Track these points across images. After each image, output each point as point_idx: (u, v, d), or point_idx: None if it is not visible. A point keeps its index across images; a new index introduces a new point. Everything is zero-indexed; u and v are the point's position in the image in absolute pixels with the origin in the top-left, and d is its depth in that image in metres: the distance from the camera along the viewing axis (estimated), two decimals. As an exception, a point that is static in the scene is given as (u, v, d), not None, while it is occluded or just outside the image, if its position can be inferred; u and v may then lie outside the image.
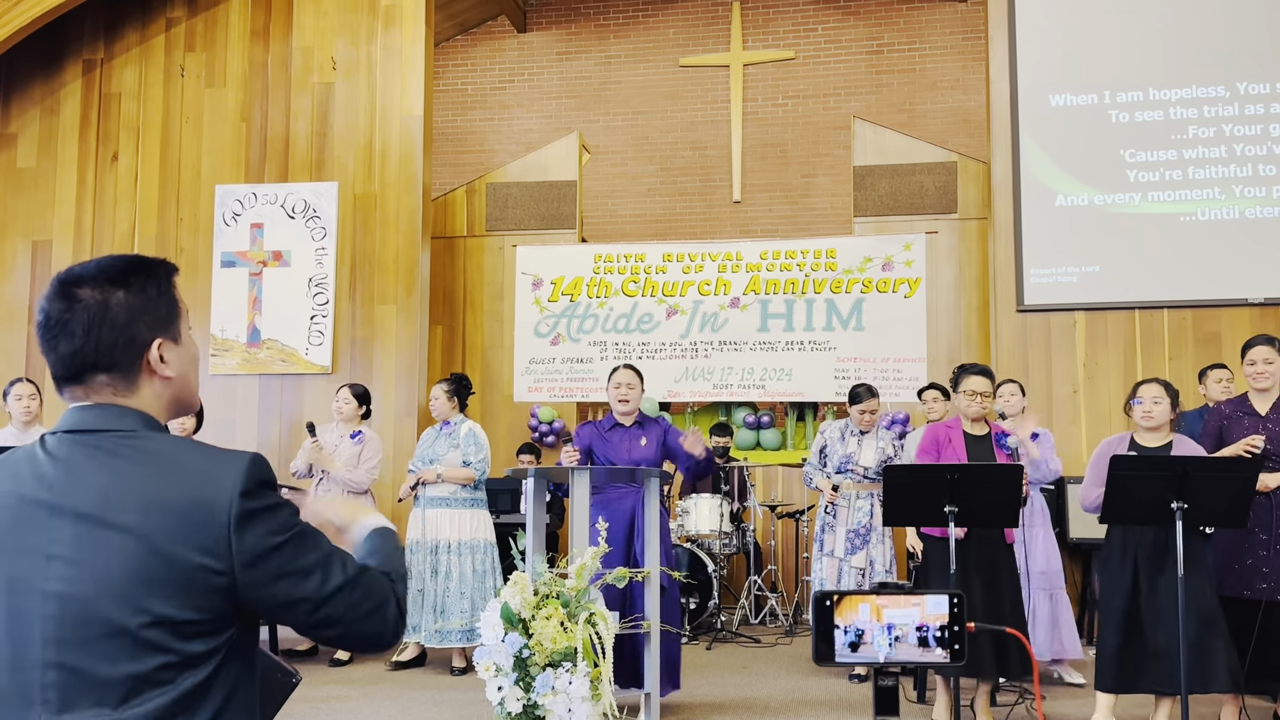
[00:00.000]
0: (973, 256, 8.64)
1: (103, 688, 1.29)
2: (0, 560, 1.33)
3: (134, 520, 1.31)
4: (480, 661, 3.89)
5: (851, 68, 10.91)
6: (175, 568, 1.31)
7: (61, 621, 1.30)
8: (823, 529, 6.03)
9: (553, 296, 9.13)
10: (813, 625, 1.63)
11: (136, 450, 1.37)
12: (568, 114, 11.33)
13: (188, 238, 8.69)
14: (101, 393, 1.41)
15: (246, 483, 1.36)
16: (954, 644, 1.57)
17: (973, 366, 5.02)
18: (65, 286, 1.40)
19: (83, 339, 1.38)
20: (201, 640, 1.34)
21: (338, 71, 8.68)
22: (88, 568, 1.30)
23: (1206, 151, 7.71)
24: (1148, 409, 4.51)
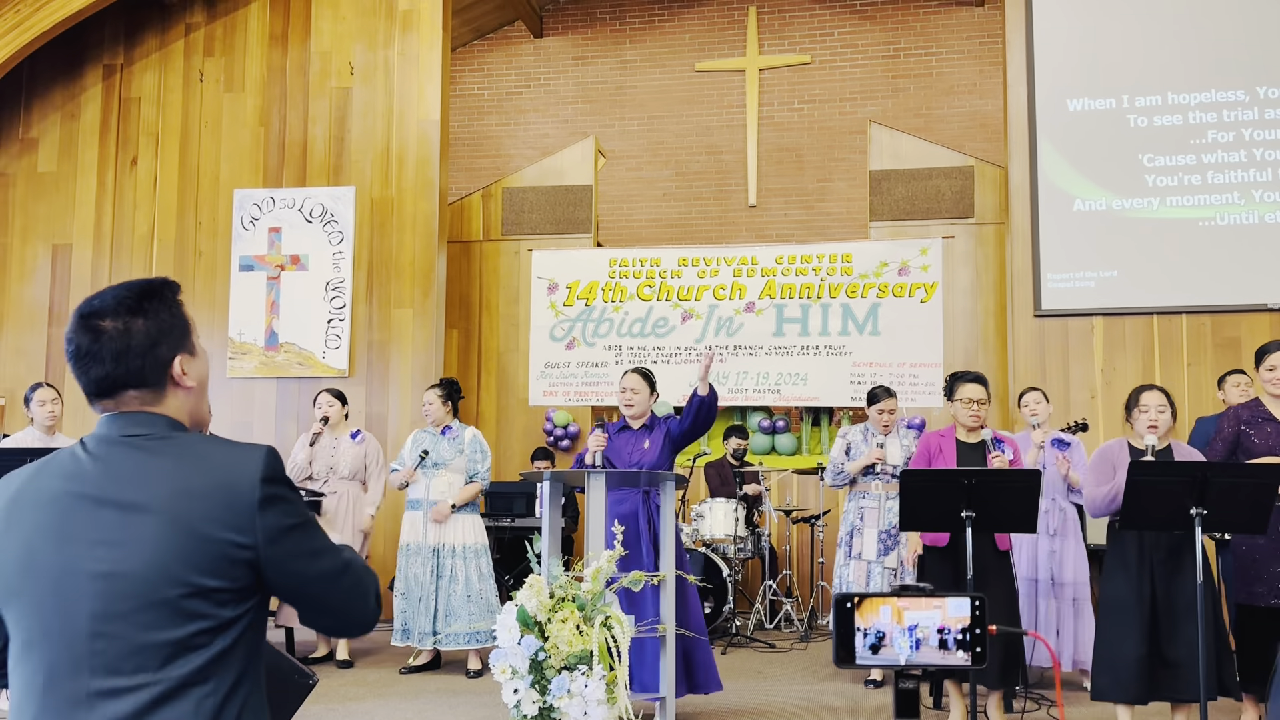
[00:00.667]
0: (989, 261, 8.61)
1: (146, 653, 1.47)
2: (51, 548, 1.51)
3: (170, 505, 1.50)
4: (496, 664, 3.89)
5: (868, 72, 10.89)
6: (208, 544, 1.50)
7: (107, 598, 1.48)
8: (850, 533, 5.97)
9: (568, 300, 9.15)
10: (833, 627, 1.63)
11: (167, 447, 1.56)
12: (583, 119, 11.35)
13: (206, 241, 8.75)
14: (131, 404, 1.60)
15: (265, 470, 1.56)
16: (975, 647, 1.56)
17: (967, 374, 5.00)
18: (88, 320, 1.58)
19: (112, 365, 1.58)
20: (231, 607, 1.52)
21: (355, 76, 8.73)
22: (131, 549, 1.49)
23: (1226, 156, 7.67)
24: (1153, 418, 4.47)
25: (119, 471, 1.53)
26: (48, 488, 1.55)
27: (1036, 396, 5.93)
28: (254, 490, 1.53)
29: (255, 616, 1.58)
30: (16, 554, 1.53)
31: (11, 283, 8.86)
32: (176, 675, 1.47)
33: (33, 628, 1.51)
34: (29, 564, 1.52)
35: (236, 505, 1.52)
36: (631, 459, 5.02)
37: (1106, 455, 4.55)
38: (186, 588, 1.48)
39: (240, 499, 1.52)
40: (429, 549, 6.12)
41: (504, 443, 9.14)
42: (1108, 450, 4.57)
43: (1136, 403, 4.55)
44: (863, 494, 5.97)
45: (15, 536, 1.54)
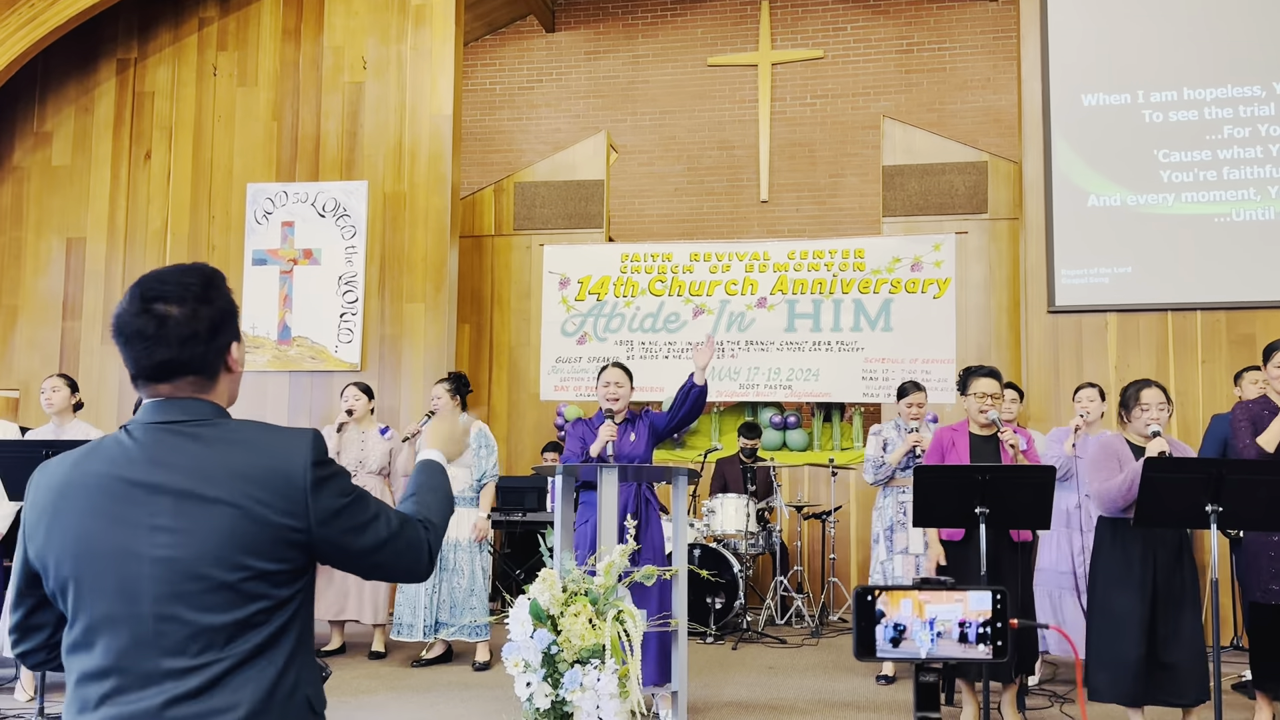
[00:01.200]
0: (1003, 257, 8.58)
1: (210, 634, 1.52)
2: (108, 534, 1.54)
3: (224, 492, 1.54)
4: (509, 658, 3.89)
5: (881, 67, 10.86)
6: (264, 528, 1.54)
7: (169, 582, 1.52)
8: (891, 527, 5.97)
9: (579, 295, 9.14)
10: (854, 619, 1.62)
11: (217, 433, 1.60)
12: (595, 114, 11.34)
13: (219, 236, 8.77)
14: (184, 389, 1.63)
15: (314, 454, 1.61)
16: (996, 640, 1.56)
17: (980, 369, 4.98)
18: (151, 304, 1.60)
19: (178, 350, 1.59)
20: (286, 586, 1.58)
21: (368, 71, 8.73)
22: (189, 535, 1.52)
23: (1242, 152, 7.62)
24: (1155, 415, 4.44)
25: (169, 458, 1.55)
26: (96, 473, 1.57)
27: (1091, 394, 5.89)
28: (306, 474, 1.58)
29: (308, 592, 1.65)
30: (71, 541, 1.55)
31: (26, 276, 8.89)
32: (239, 652, 1.53)
33: (95, 612, 1.54)
34: (85, 550, 1.54)
35: (290, 490, 1.56)
36: (620, 452, 5.01)
37: (1109, 450, 4.49)
38: (245, 571, 1.53)
39: (293, 484, 1.57)
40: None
41: (515, 437, 9.15)
42: (1109, 445, 4.52)
43: (1137, 400, 4.50)
44: (901, 489, 5.93)
45: (67, 523, 1.55)
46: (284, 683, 1.56)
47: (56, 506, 1.57)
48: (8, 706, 5.12)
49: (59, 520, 1.56)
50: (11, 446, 4.93)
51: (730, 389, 8.82)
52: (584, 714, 3.81)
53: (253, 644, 1.54)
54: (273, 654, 1.56)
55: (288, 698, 1.57)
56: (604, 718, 3.80)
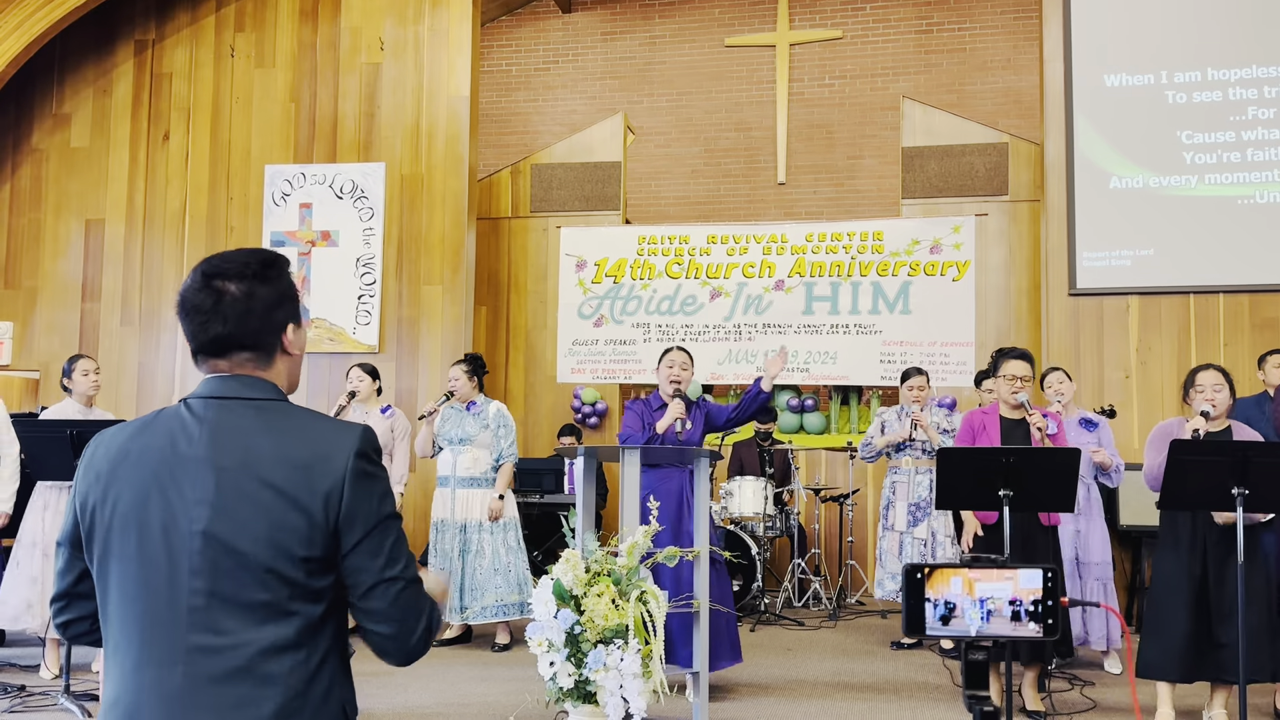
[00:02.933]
0: (1023, 239, 8.52)
1: (241, 613, 1.52)
2: (158, 505, 1.56)
3: (269, 474, 1.55)
4: (533, 637, 3.91)
5: (900, 47, 10.77)
6: (301, 513, 1.55)
7: (206, 556, 1.53)
8: (886, 505, 6.29)
9: (596, 278, 9.13)
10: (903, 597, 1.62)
11: (270, 415, 1.62)
12: (612, 95, 11.30)
13: (238, 217, 8.78)
14: (243, 366, 1.66)
15: (361, 445, 1.61)
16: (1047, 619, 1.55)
17: (1012, 351, 4.97)
18: (212, 280, 1.64)
19: (234, 325, 1.63)
20: (320, 577, 1.56)
21: (385, 52, 8.71)
22: (229, 512, 1.54)
23: (1266, 133, 7.54)
24: (1210, 396, 4.43)
25: (224, 434, 1.58)
26: (154, 445, 1.60)
27: (1060, 376, 5.88)
28: (348, 462, 1.58)
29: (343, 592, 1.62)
30: (123, 509, 1.57)
31: (45, 258, 8.93)
32: (269, 639, 1.52)
33: (132, 581, 1.56)
34: (134, 519, 1.57)
35: (329, 477, 1.56)
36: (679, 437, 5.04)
37: (1165, 432, 4.52)
38: (281, 554, 1.53)
39: (334, 472, 1.57)
40: (457, 525, 6.16)
41: (531, 420, 9.16)
42: (1166, 427, 4.56)
43: (1193, 383, 4.52)
44: (895, 469, 6.28)
45: (119, 492, 1.58)
46: (318, 683, 1.56)
47: (111, 475, 1.60)
48: (34, 684, 5.17)
49: (111, 489, 1.59)
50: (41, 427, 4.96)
51: (748, 372, 8.80)
52: (607, 693, 3.83)
53: (284, 633, 1.53)
54: (306, 651, 1.55)
55: (322, 700, 1.56)
56: (627, 697, 3.82)
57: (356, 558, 1.57)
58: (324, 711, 1.56)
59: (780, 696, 5.14)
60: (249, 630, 1.52)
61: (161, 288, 8.80)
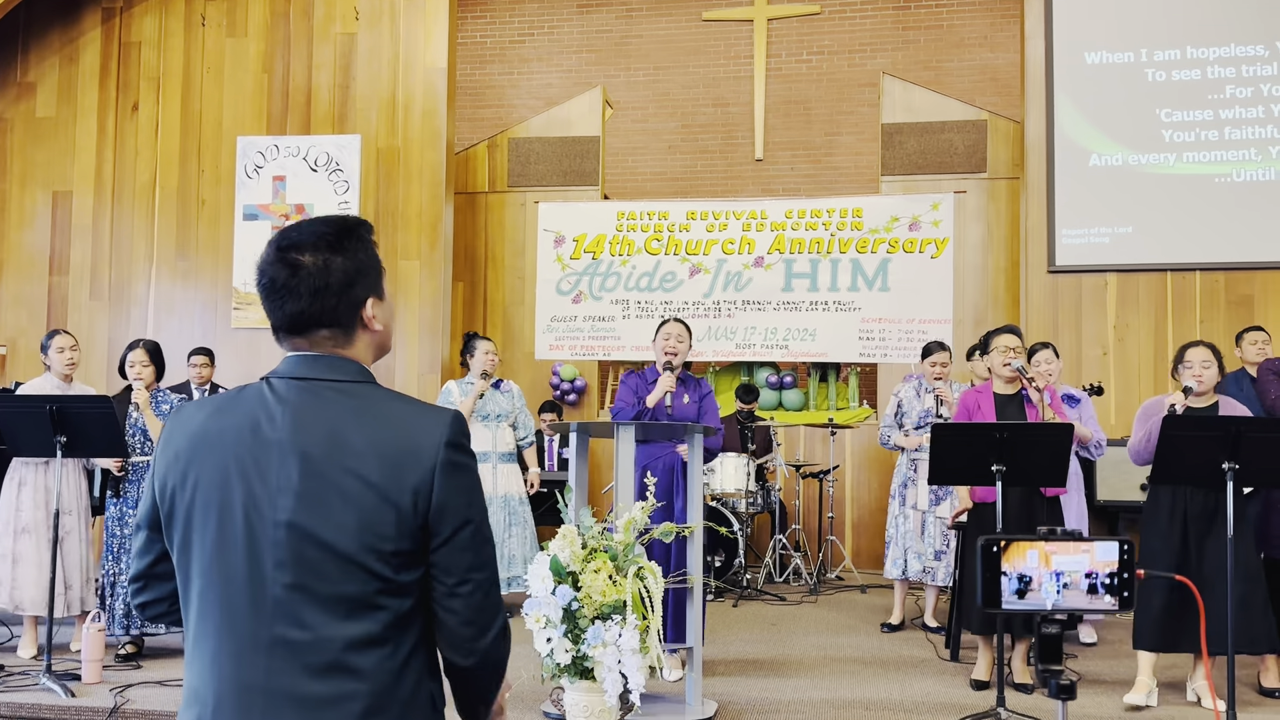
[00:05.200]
0: (1001, 217, 8.56)
1: (327, 606, 1.45)
2: (240, 487, 1.49)
3: (355, 462, 1.47)
4: (530, 613, 3.88)
5: (878, 23, 10.75)
6: (388, 504, 1.47)
7: (291, 547, 1.46)
8: (904, 484, 6.18)
9: (575, 254, 9.06)
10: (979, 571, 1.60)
11: (355, 398, 1.53)
12: (588, 68, 11.19)
13: (209, 190, 8.62)
14: (323, 345, 1.57)
15: (451, 434, 1.52)
16: (1123, 591, 1.54)
17: (1001, 328, 5.03)
18: (286, 253, 1.55)
19: (309, 300, 1.54)
20: (409, 571, 1.49)
21: (360, 22, 8.56)
22: (315, 502, 1.46)
23: (1244, 111, 7.61)
24: (1197, 373, 4.47)
25: (308, 419, 1.50)
26: (234, 426, 1.52)
27: (1048, 355, 5.91)
28: (438, 452, 1.50)
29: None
30: (204, 492, 1.51)
31: (10, 229, 8.72)
32: (355, 633, 1.46)
33: (213, 569, 1.49)
34: (215, 503, 1.50)
35: (418, 468, 1.49)
36: (674, 411, 4.99)
37: (1151, 409, 4.56)
38: (368, 548, 1.46)
39: (423, 462, 1.49)
40: (500, 499, 6.22)
41: (510, 396, 9.09)
42: (1153, 404, 4.61)
43: (1182, 359, 4.56)
44: (916, 447, 6.09)
45: (200, 473, 1.51)
46: (406, 678, 1.50)
47: (191, 456, 1.53)
48: (13, 664, 5.07)
49: (191, 470, 1.52)
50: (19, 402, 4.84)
51: (727, 349, 8.79)
52: (605, 669, 3.81)
53: (371, 627, 1.46)
54: (393, 646, 1.48)
55: (411, 694, 1.50)
56: (626, 673, 3.79)
57: (445, 554, 1.50)
58: (413, 707, 1.50)
59: (770, 671, 5.15)
60: (335, 624, 1.45)
61: (132, 261, 8.62)
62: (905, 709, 4.48)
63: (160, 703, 4.46)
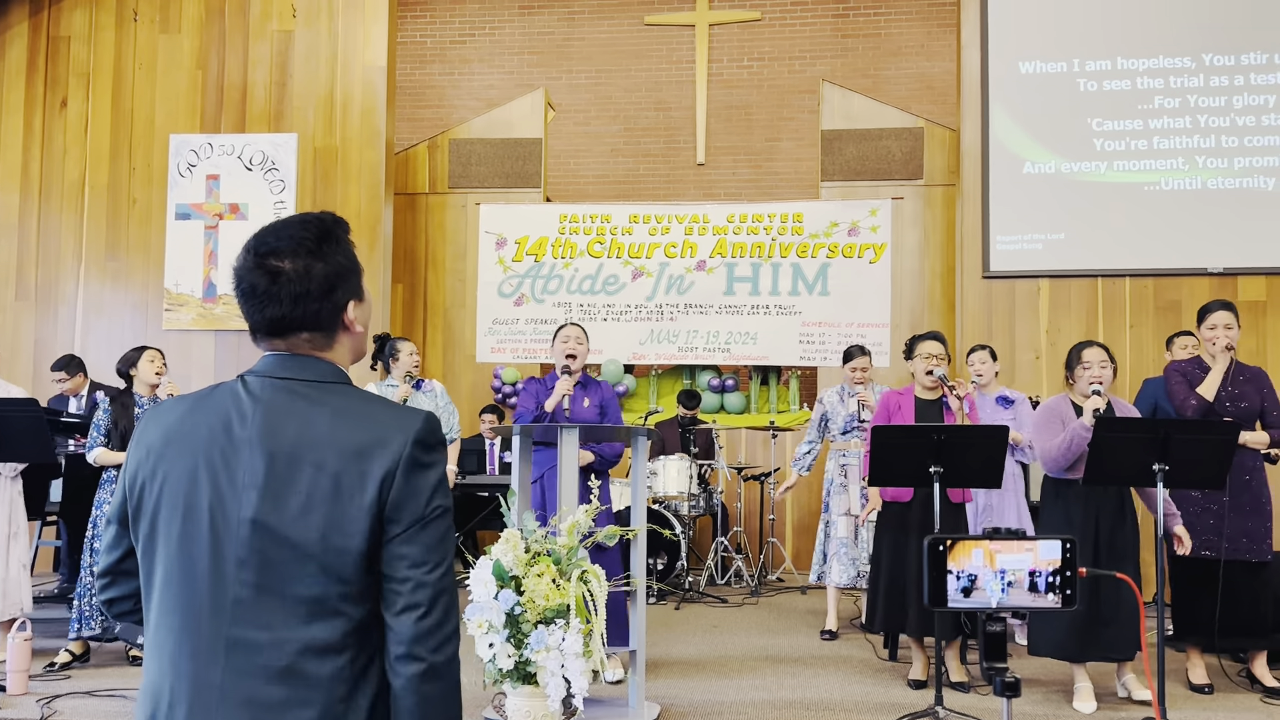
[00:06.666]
0: (938, 223, 8.70)
1: (286, 607, 1.43)
2: (207, 485, 1.48)
3: (323, 461, 1.46)
4: (471, 619, 3.84)
5: (817, 31, 10.86)
6: (355, 505, 1.45)
7: (254, 545, 1.44)
8: (830, 491, 6.10)
9: (517, 256, 9.01)
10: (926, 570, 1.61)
11: (329, 399, 1.52)
12: (529, 70, 11.14)
13: (140, 188, 8.42)
14: (301, 346, 1.56)
15: (421, 433, 1.50)
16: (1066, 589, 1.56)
17: (926, 334, 5.08)
18: (265, 259, 1.53)
19: (290, 306, 1.53)
20: (370, 575, 1.46)
21: (298, 19, 8.43)
22: (280, 500, 1.45)
23: (1172, 122, 7.83)
24: (1096, 373, 4.56)
25: (279, 417, 1.49)
26: (206, 423, 1.51)
27: (983, 356, 6.02)
28: (404, 449, 1.48)
29: None
30: (171, 489, 1.49)
31: (-70, 228, 8.43)
32: (314, 638, 1.43)
33: (175, 565, 1.48)
34: (181, 500, 1.48)
35: (384, 464, 1.47)
36: (575, 414, 4.97)
37: (1053, 411, 4.63)
38: (332, 547, 1.44)
39: (389, 459, 1.47)
40: None
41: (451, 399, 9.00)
42: (1053, 406, 4.66)
43: (1079, 359, 4.63)
44: (843, 452, 6.08)
45: (169, 469, 1.50)
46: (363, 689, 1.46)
47: (162, 452, 1.52)
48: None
49: (161, 466, 1.51)
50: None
51: (669, 352, 8.81)
52: (548, 673, 3.79)
53: (331, 632, 1.43)
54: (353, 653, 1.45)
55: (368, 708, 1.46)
56: (569, 677, 3.78)
57: (395, 547, 1.46)
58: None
59: (711, 673, 5.17)
60: (294, 627, 1.43)
61: (59, 261, 8.39)
62: (845, 709, 4.53)
63: (89, 713, 4.34)
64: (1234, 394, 4.84)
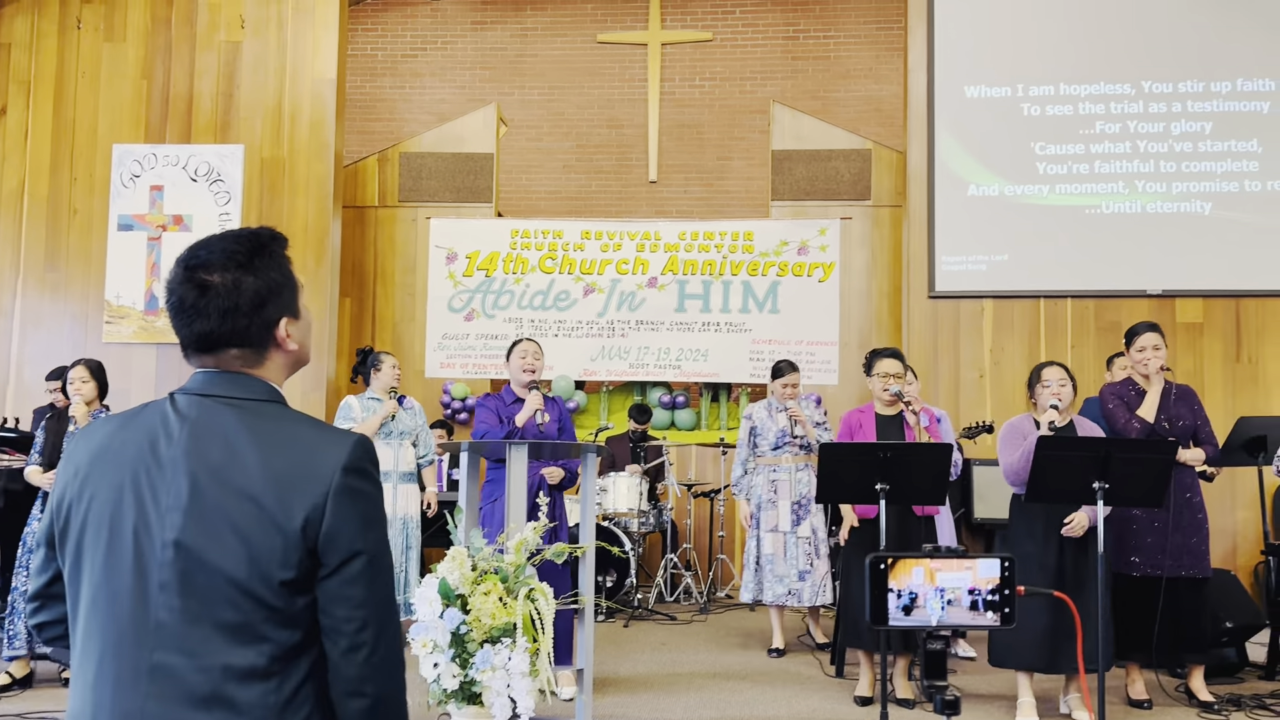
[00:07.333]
0: (885, 243, 8.81)
1: (210, 632, 1.39)
2: (132, 505, 1.44)
3: (247, 483, 1.42)
4: (416, 638, 3.79)
5: (768, 52, 10.97)
6: (277, 529, 1.41)
7: (177, 568, 1.40)
8: (760, 506, 6.04)
9: (467, 271, 8.98)
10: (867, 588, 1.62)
11: (258, 419, 1.48)
12: (482, 85, 11.12)
13: (82, 198, 8.26)
14: (231, 363, 1.53)
15: (352, 459, 1.46)
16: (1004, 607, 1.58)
17: (885, 350, 5.14)
18: (194, 272, 1.50)
19: (219, 321, 1.49)
20: (303, 597, 1.43)
21: (246, 30, 8.33)
22: (202, 522, 1.41)
23: (1112, 147, 8.01)
24: (1056, 390, 4.65)
25: (206, 436, 1.45)
26: (134, 442, 1.47)
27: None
28: (334, 475, 1.44)
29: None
30: (96, 510, 1.46)
31: None
32: (239, 663, 1.39)
33: (100, 589, 1.44)
34: (106, 521, 1.45)
35: (313, 493, 1.43)
36: (535, 431, 4.97)
37: (1015, 428, 4.72)
38: (256, 573, 1.40)
39: (318, 486, 1.43)
40: (399, 520, 6.06)
41: (399, 415, 8.93)
42: (1016, 424, 4.75)
43: (1039, 379, 4.73)
44: (773, 468, 6.03)
45: (94, 490, 1.47)
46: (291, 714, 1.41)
47: (89, 472, 1.48)
48: None
49: (88, 487, 1.47)
50: None
51: (620, 368, 8.82)
52: (494, 693, 3.75)
53: (257, 658, 1.40)
54: (279, 680, 1.41)
55: None
56: (515, 696, 3.74)
57: (332, 586, 1.43)
58: None
59: (660, 690, 5.15)
60: (218, 652, 1.39)
61: (-5, 271, 8.19)
62: (793, 726, 4.53)
63: (19, 738, 4.22)
64: (1170, 414, 4.94)
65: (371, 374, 6.19)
